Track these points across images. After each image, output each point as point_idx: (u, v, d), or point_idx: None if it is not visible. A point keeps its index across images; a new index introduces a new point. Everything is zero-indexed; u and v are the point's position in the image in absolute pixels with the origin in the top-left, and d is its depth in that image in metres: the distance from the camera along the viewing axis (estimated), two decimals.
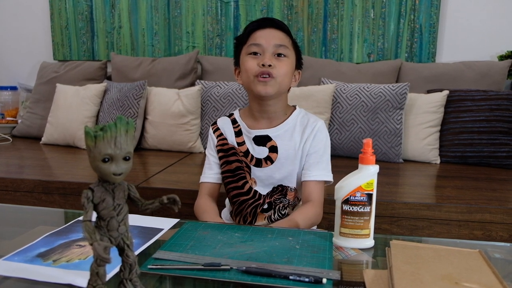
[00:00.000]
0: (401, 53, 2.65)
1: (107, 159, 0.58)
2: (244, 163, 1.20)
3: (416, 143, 2.28)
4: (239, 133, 1.22)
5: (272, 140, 1.18)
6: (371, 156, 0.83)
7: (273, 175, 1.18)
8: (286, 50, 1.14)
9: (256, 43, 1.13)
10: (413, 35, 2.62)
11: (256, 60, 1.12)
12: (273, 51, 1.12)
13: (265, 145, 1.19)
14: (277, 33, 1.15)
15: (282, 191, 1.20)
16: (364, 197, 0.83)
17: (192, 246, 0.83)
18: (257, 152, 1.19)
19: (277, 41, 1.13)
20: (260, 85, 1.11)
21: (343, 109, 2.32)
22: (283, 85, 1.15)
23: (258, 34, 1.15)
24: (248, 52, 1.14)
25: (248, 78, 1.14)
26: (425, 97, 2.31)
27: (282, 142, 1.18)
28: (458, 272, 0.70)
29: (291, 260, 0.77)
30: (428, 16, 2.58)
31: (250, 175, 1.20)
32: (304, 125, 1.20)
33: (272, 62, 1.11)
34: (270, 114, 1.19)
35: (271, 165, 1.18)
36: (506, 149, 2.15)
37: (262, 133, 1.19)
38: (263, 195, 1.20)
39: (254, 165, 1.19)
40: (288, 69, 1.14)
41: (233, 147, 1.21)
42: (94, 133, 0.58)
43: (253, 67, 1.12)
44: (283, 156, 1.18)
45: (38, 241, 0.86)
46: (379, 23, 2.65)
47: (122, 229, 0.62)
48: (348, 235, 0.84)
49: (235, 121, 1.24)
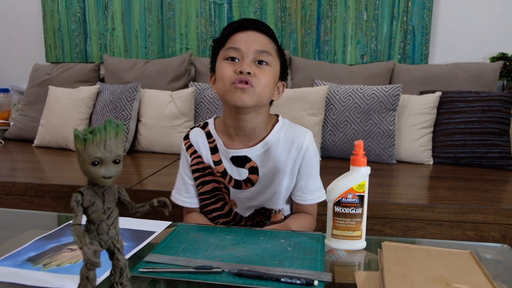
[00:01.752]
0: (394, 54, 2.66)
1: (97, 162, 0.58)
2: (222, 184, 1.08)
3: (409, 144, 2.29)
4: (215, 149, 1.08)
5: (251, 160, 1.05)
6: (363, 157, 0.83)
7: (255, 197, 1.07)
8: (268, 57, 0.99)
9: (235, 47, 0.99)
10: (406, 37, 2.64)
11: (233, 67, 0.98)
12: (253, 57, 0.98)
13: (244, 166, 1.06)
14: (259, 37, 1.01)
15: (265, 213, 1.09)
16: (356, 199, 0.83)
17: (183, 249, 0.83)
18: (236, 173, 1.06)
19: (259, 46, 0.99)
20: (237, 94, 0.96)
21: (336, 111, 2.32)
22: (263, 97, 1.00)
23: (238, 37, 1.00)
24: (225, 56, 1.00)
25: (223, 86, 0.98)
26: (418, 99, 2.32)
27: (263, 163, 1.05)
28: (449, 273, 0.70)
29: (283, 262, 0.77)
30: (420, 18, 2.60)
31: (229, 197, 1.09)
32: (289, 142, 1.06)
33: (252, 69, 0.96)
34: (247, 131, 1.04)
35: (251, 188, 1.06)
36: (498, 149, 2.16)
37: (240, 153, 1.05)
38: (245, 218, 1.10)
39: (233, 187, 1.07)
40: (269, 80, 1.00)
41: (209, 166, 1.08)
42: (84, 136, 0.57)
43: (229, 74, 0.97)
44: (265, 178, 1.06)
45: (29, 245, 0.85)
46: (372, 24, 2.66)
47: (112, 232, 0.62)
48: (340, 236, 0.84)
49: (209, 134, 1.09)
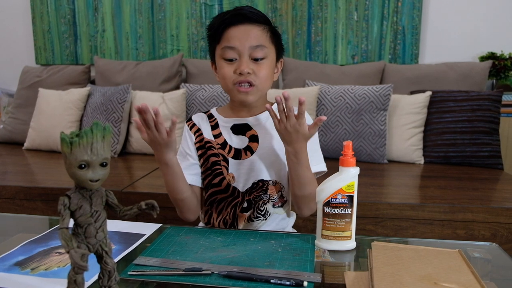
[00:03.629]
0: (384, 54, 2.68)
1: (84, 166, 0.58)
2: (221, 156, 1.12)
3: (400, 143, 2.30)
4: (216, 126, 1.15)
5: (252, 129, 1.11)
6: (352, 158, 0.84)
7: (254, 167, 1.10)
8: (264, 50, 1.05)
9: (230, 45, 1.04)
10: (396, 37, 2.65)
11: (232, 67, 1.05)
12: (249, 53, 1.04)
13: (244, 134, 1.11)
14: (252, 30, 1.06)
15: (262, 186, 1.11)
16: (345, 199, 0.84)
17: (173, 251, 0.83)
18: (236, 142, 1.12)
19: (254, 42, 1.04)
20: (241, 95, 1.06)
21: (328, 111, 2.33)
22: (265, 89, 1.09)
23: (232, 33, 1.05)
24: (223, 56, 1.06)
25: (226, 85, 1.08)
26: (409, 98, 2.34)
27: (264, 131, 1.11)
28: (437, 272, 0.71)
29: (272, 264, 0.77)
30: (410, 18, 2.62)
31: (227, 170, 1.12)
32: None
33: (250, 68, 1.04)
34: (251, 106, 1.12)
35: (251, 156, 1.10)
36: (488, 148, 2.18)
37: (241, 121, 1.12)
38: (242, 192, 1.12)
39: (232, 157, 1.11)
40: (268, 72, 1.07)
41: (209, 141, 1.14)
42: (70, 139, 0.57)
43: (230, 75, 1.05)
44: (265, 146, 1.10)
45: (17, 249, 0.84)
46: (362, 25, 2.67)
47: (100, 235, 0.62)
48: (330, 237, 0.85)
49: (211, 115, 1.18)
